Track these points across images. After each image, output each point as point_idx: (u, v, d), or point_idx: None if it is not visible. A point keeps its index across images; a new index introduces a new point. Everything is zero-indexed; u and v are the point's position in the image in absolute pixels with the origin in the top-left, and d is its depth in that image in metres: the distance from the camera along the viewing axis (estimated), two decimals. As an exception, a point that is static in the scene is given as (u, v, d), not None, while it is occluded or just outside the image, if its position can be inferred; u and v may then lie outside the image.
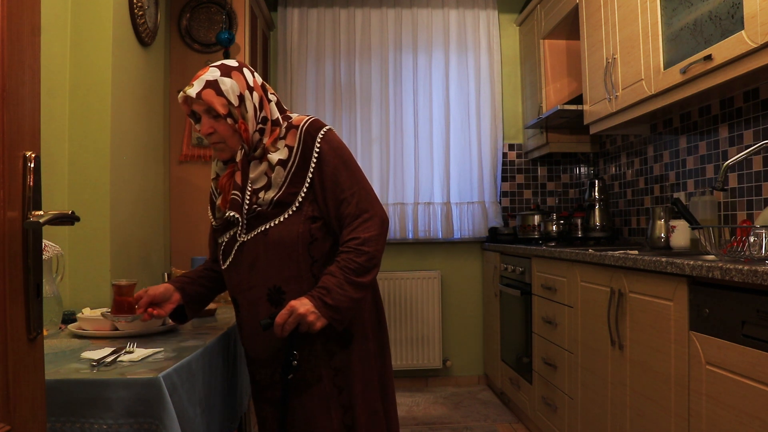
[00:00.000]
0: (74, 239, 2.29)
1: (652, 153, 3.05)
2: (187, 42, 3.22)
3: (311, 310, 1.41)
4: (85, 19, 2.36)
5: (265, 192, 1.50)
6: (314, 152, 1.49)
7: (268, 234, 1.48)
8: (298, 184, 1.48)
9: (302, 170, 1.49)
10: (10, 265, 0.85)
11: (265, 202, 1.49)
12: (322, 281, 1.45)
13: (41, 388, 0.94)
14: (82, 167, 2.34)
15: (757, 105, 2.23)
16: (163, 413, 1.25)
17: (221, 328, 1.89)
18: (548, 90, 3.66)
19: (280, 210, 1.48)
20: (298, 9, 4.00)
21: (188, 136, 3.16)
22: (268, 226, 1.48)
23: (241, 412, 1.97)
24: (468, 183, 4.04)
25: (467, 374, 4.12)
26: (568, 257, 2.48)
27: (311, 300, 1.43)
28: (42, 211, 0.91)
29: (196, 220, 3.19)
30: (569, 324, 2.50)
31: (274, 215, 1.48)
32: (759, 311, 1.37)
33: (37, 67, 0.95)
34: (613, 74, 2.65)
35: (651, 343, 1.84)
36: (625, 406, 2.01)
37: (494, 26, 4.11)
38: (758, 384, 1.37)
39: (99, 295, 2.33)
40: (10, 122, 0.85)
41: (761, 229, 1.57)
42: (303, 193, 1.48)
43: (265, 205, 1.49)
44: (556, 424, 2.67)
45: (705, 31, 2.00)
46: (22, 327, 0.88)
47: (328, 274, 1.45)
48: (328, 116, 3.98)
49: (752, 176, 2.27)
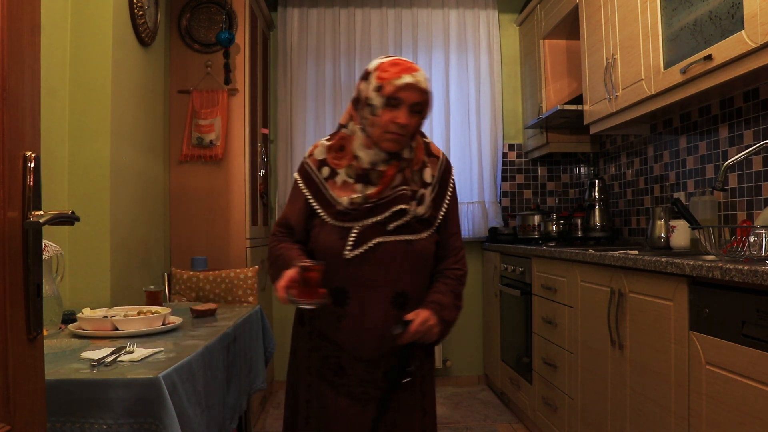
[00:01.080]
0: (74, 239, 2.29)
1: (652, 153, 3.05)
2: (187, 42, 3.22)
3: (437, 323, 1.53)
4: (85, 19, 2.36)
5: (417, 204, 1.57)
6: (449, 187, 1.67)
7: (413, 245, 1.56)
8: (436, 209, 1.63)
9: (440, 198, 1.64)
10: (10, 265, 0.85)
11: (416, 213, 1.57)
12: (436, 298, 1.57)
13: (41, 388, 0.94)
14: (82, 167, 2.34)
15: (757, 105, 2.23)
16: (163, 413, 1.25)
17: (221, 328, 1.89)
18: (548, 90, 3.66)
19: (422, 226, 1.58)
20: (298, 9, 4.00)
21: (188, 136, 3.16)
22: (415, 238, 1.56)
23: (241, 412, 1.98)
24: (468, 183, 4.04)
25: (467, 374, 4.12)
26: (568, 257, 2.48)
27: (434, 314, 1.52)
28: (42, 211, 0.91)
29: (196, 220, 3.19)
30: (569, 324, 2.50)
31: (419, 229, 1.57)
32: (759, 311, 1.37)
33: (37, 67, 0.95)
34: (613, 74, 2.65)
35: (651, 343, 1.84)
36: (625, 406, 2.01)
37: (494, 26, 4.11)
38: (758, 384, 1.37)
39: (99, 295, 2.33)
40: (10, 122, 0.85)
41: (761, 229, 1.57)
42: (439, 219, 1.63)
43: (412, 216, 1.56)
44: (556, 424, 2.67)
45: (705, 31, 2.00)
46: (22, 327, 0.88)
47: (439, 293, 1.59)
48: (328, 116, 3.98)
49: (752, 176, 2.27)
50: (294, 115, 3.96)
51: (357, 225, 1.53)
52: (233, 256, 3.18)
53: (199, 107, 3.16)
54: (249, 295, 2.68)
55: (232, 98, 3.22)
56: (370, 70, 1.55)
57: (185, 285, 2.70)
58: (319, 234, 1.57)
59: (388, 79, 1.48)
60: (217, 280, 2.67)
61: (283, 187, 3.93)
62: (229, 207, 3.20)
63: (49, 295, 1.87)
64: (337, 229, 1.54)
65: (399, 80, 1.47)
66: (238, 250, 3.19)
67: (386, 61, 1.53)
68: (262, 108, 3.72)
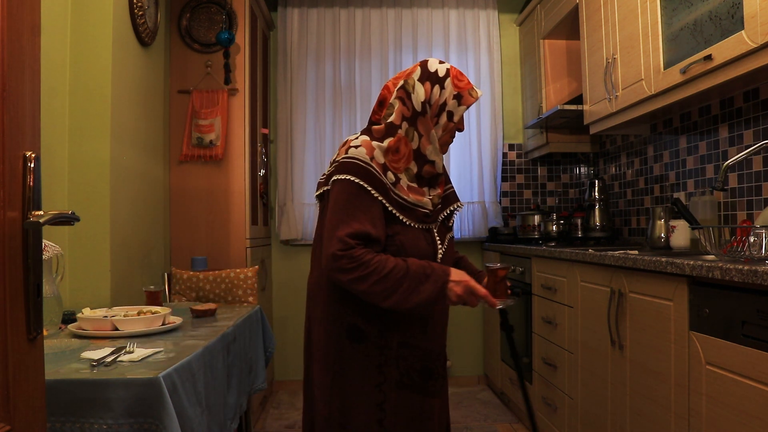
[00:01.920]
0: (74, 239, 2.29)
1: (652, 153, 3.05)
2: (187, 42, 3.22)
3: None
4: (85, 19, 2.36)
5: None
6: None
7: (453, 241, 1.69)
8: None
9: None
10: (10, 265, 0.85)
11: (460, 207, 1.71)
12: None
13: (41, 388, 0.94)
14: (82, 167, 2.34)
15: (757, 105, 2.23)
16: (163, 413, 1.25)
17: (221, 328, 1.89)
18: (548, 90, 3.66)
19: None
20: (298, 9, 4.00)
21: (188, 136, 3.16)
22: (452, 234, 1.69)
23: (241, 412, 1.98)
24: (468, 183, 4.04)
25: (467, 374, 4.12)
26: (568, 257, 2.48)
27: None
28: (42, 211, 0.91)
29: (196, 220, 3.19)
30: (569, 324, 2.50)
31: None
32: (759, 311, 1.37)
33: (37, 67, 0.95)
34: (613, 74, 2.65)
35: (651, 343, 1.84)
36: (625, 406, 2.01)
37: (494, 26, 4.11)
38: (758, 384, 1.37)
39: (99, 295, 2.33)
40: (10, 122, 0.85)
41: (761, 229, 1.57)
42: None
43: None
44: (556, 424, 2.67)
45: (705, 31, 2.00)
46: (22, 327, 0.88)
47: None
48: (328, 116, 3.98)
49: (752, 176, 2.27)
50: (294, 115, 3.96)
51: (433, 226, 1.59)
52: (233, 256, 3.18)
53: (199, 107, 3.16)
54: (249, 295, 2.69)
55: (232, 98, 3.22)
56: (439, 74, 1.53)
57: (185, 285, 2.70)
58: (405, 239, 1.51)
59: (466, 89, 1.54)
60: (217, 280, 2.67)
61: (283, 187, 3.93)
62: (229, 207, 3.20)
63: (49, 295, 1.87)
64: (421, 232, 1.54)
65: (475, 93, 1.55)
66: (238, 250, 3.19)
67: (453, 69, 1.56)
68: (262, 108, 3.72)
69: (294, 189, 3.93)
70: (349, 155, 1.47)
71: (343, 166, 1.47)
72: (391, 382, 1.50)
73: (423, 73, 1.53)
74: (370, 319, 1.49)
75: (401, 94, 1.53)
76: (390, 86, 1.59)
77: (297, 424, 3.26)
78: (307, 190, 3.95)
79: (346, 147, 1.51)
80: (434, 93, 1.52)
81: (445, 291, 1.45)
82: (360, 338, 1.50)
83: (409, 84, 1.53)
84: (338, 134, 3.96)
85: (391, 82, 1.59)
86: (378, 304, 1.44)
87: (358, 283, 1.41)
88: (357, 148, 1.48)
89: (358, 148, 1.48)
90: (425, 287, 1.43)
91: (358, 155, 1.47)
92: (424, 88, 1.52)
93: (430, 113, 1.53)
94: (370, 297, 1.43)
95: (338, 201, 1.45)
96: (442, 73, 1.53)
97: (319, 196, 1.58)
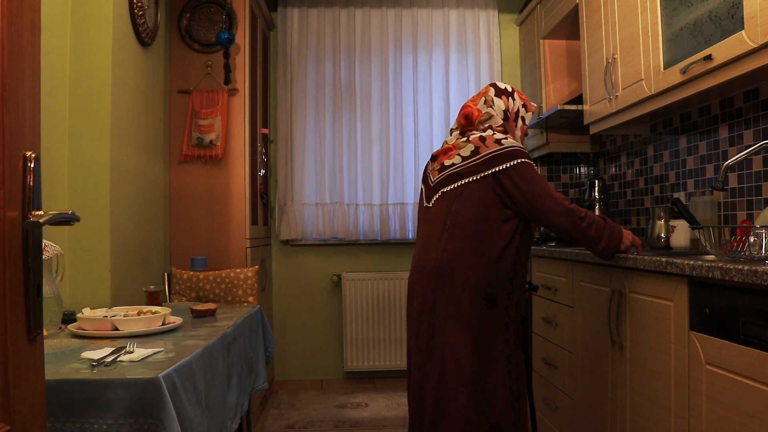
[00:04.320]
0: (74, 239, 2.30)
1: (652, 153, 3.05)
2: (187, 42, 3.22)
3: None
4: (85, 19, 2.36)
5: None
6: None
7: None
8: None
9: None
10: (10, 265, 0.85)
11: None
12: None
13: (41, 388, 0.94)
14: (82, 167, 2.34)
15: (757, 105, 2.23)
16: (163, 413, 1.25)
17: (221, 328, 1.89)
18: (548, 90, 3.66)
19: None
20: (298, 9, 4.00)
21: (188, 136, 3.16)
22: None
23: (242, 413, 1.98)
24: (468, 183, 4.04)
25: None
26: (568, 257, 2.48)
27: None
28: (42, 211, 0.91)
29: (196, 220, 3.19)
30: (569, 324, 2.50)
31: None
32: (759, 311, 1.37)
33: (37, 67, 0.95)
34: (613, 74, 2.65)
35: (651, 343, 1.84)
36: (625, 406, 2.01)
37: (494, 26, 4.11)
38: (758, 384, 1.37)
39: (99, 295, 2.33)
40: (10, 122, 0.85)
41: (761, 229, 1.57)
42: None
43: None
44: (556, 424, 2.67)
45: (705, 31, 2.00)
46: (22, 327, 0.88)
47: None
48: (328, 116, 3.98)
49: (752, 176, 2.27)
50: (294, 115, 3.96)
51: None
52: (233, 256, 3.18)
53: (199, 107, 3.16)
54: (249, 295, 2.69)
55: (232, 98, 3.22)
56: (509, 90, 2.05)
57: (185, 285, 2.70)
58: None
59: (527, 100, 2.09)
60: (217, 280, 2.67)
61: (283, 187, 3.93)
62: (229, 207, 3.20)
63: (49, 295, 1.87)
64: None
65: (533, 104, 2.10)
66: (238, 250, 3.19)
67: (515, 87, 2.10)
68: (262, 108, 3.72)
69: (294, 189, 3.93)
70: (511, 144, 1.86)
71: (518, 152, 1.85)
72: (512, 340, 1.88)
73: (497, 91, 2.03)
74: (499, 290, 1.86)
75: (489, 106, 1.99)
76: (471, 105, 2.01)
77: (297, 424, 3.26)
78: (307, 190, 3.95)
79: (492, 140, 1.89)
80: (511, 105, 2.03)
81: (623, 236, 1.92)
82: (493, 302, 1.86)
83: (489, 98, 2.01)
84: (338, 134, 3.96)
85: (471, 101, 2.03)
86: (594, 248, 1.90)
87: (588, 230, 1.85)
88: (507, 139, 1.89)
89: (507, 140, 1.89)
90: (616, 233, 1.90)
91: (517, 144, 1.88)
92: (502, 100, 2.02)
93: (511, 118, 2.02)
94: (591, 241, 1.88)
95: (532, 176, 1.85)
96: (509, 89, 2.05)
97: (456, 181, 1.91)
